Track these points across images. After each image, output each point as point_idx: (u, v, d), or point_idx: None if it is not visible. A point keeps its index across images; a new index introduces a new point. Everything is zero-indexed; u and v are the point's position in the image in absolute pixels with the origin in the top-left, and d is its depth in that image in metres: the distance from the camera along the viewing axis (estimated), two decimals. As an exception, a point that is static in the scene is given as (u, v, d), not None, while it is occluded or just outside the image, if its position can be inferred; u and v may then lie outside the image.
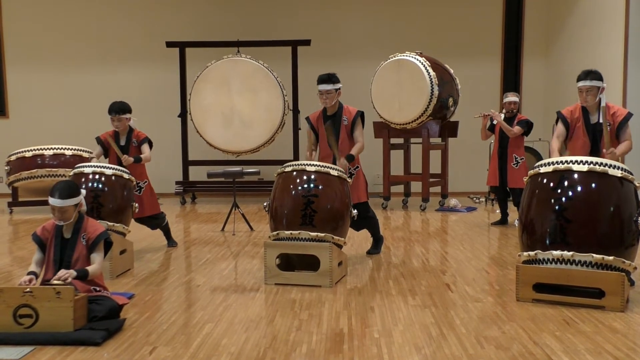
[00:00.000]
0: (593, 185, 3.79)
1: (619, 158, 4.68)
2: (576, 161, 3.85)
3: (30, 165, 8.23)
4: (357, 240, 5.98)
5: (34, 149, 8.31)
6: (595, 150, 4.76)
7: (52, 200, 3.54)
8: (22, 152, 8.33)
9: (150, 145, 5.63)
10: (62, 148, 8.39)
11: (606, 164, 3.81)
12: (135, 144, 5.55)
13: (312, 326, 3.49)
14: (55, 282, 3.40)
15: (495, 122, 7.05)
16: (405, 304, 3.94)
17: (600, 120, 4.77)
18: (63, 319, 3.24)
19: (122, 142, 5.54)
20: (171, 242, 5.94)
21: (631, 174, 3.85)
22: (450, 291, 4.27)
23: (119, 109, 5.44)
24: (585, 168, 3.80)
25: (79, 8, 10.36)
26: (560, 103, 8.81)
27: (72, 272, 3.45)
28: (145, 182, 5.59)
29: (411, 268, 4.99)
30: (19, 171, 8.25)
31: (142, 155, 5.51)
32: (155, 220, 5.73)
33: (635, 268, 3.86)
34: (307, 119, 5.31)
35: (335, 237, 4.47)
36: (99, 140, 5.56)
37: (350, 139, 5.17)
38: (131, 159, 5.39)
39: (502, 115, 7.02)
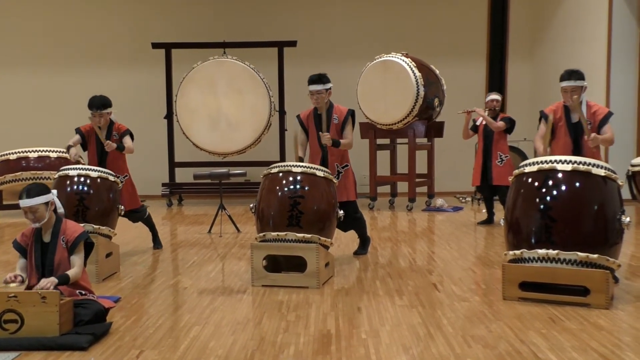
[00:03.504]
0: (577, 184, 3.83)
1: (599, 145, 4.77)
2: (560, 160, 3.89)
3: (15, 167, 8.15)
4: (344, 241, 5.99)
5: (19, 152, 8.23)
6: (577, 149, 4.79)
7: (21, 202, 3.49)
8: (6, 154, 8.24)
9: (132, 137, 5.57)
10: (46, 150, 8.32)
11: (590, 164, 3.85)
12: (116, 136, 5.48)
13: (300, 328, 3.49)
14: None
15: (478, 122, 7.10)
16: (392, 304, 3.95)
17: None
18: (49, 323, 3.22)
19: (103, 136, 5.46)
20: (157, 244, 5.91)
21: (614, 172, 3.89)
22: (437, 291, 4.29)
23: (100, 104, 5.35)
24: (569, 167, 3.84)
25: (63, 9, 10.29)
26: (545, 103, 8.85)
27: (54, 280, 3.41)
28: (126, 176, 5.51)
29: (398, 268, 5.00)
30: (3, 174, 8.16)
31: (125, 145, 5.46)
32: (136, 214, 5.67)
33: (619, 266, 3.90)
34: (298, 117, 5.32)
35: (322, 238, 4.47)
36: (78, 130, 5.47)
37: (340, 137, 5.20)
38: (114, 145, 5.33)
39: (485, 113, 7.06)
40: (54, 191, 3.67)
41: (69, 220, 3.70)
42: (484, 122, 7.04)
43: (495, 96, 7.13)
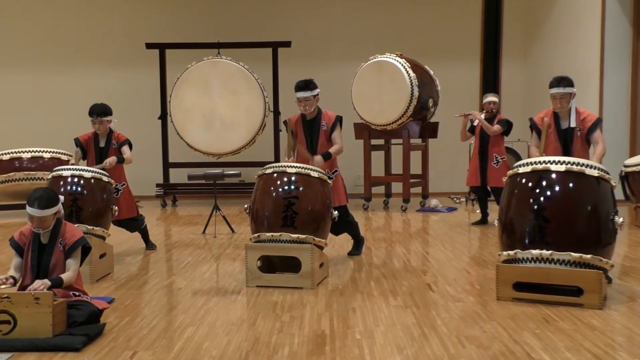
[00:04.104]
0: (571, 184, 3.84)
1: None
2: (554, 161, 3.90)
3: (8, 168, 8.10)
4: (339, 241, 5.99)
5: (12, 152, 8.18)
6: (566, 155, 4.80)
7: (31, 210, 3.48)
8: (-1, 155, 8.20)
9: (130, 146, 5.58)
10: (40, 151, 8.27)
11: (583, 164, 3.87)
12: (115, 145, 5.49)
13: (294, 328, 3.49)
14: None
15: (475, 123, 7.11)
16: (386, 305, 3.95)
17: (572, 125, 4.86)
18: (42, 324, 3.20)
19: (102, 144, 5.48)
20: (150, 245, 5.90)
21: (607, 173, 3.90)
22: (432, 291, 4.29)
23: (101, 111, 5.38)
24: (562, 168, 3.85)
25: (57, 9, 10.25)
26: (538, 104, 8.91)
27: (47, 282, 3.40)
28: (124, 184, 5.53)
29: (392, 268, 5.00)
30: (-4, 175, 8.12)
31: (124, 156, 5.47)
32: (134, 223, 5.68)
33: (612, 266, 3.92)
34: (285, 122, 5.27)
35: (316, 238, 4.47)
36: (77, 141, 5.49)
37: (329, 143, 5.16)
38: (115, 159, 5.34)
39: (482, 115, 7.08)
40: (61, 197, 3.67)
41: (68, 223, 3.69)
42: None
43: (492, 98, 7.13)
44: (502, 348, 3.14)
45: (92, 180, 4.92)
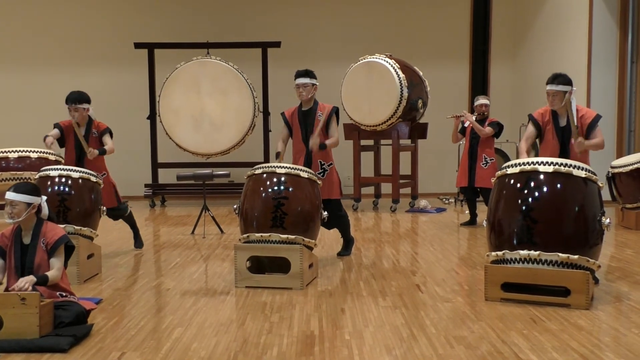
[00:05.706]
0: (558, 185, 3.87)
1: (586, 149, 4.74)
2: (542, 162, 3.93)
3: (-6, 168, 8.03)
4: (328, 242, 5.99)
5: (-2, 152, 8.11)
6: (564, 153, 4.76)
7: (7, 193, 3.52)
8: (-14, 155, 8.11)
9: (111, 135, 5.50)
10: (27, 150, 8.16)
11: (571, 165, 3.89)
12: (95, 134, 5.41)
13: (283, 329, 3.49)
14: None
15: (466, 124, 7.14)
16: (375, 305, 3.96)
17: (575, 123, 4.81)
18: (28, 325, 3.18)
19: (82, 133, 5.38)
20: (138, 244, 5.85)
21: (595, 174, 3.93)
22: (420, 292, 4.30)
23: (76, 98, 5.31)
24: (550, 169, 3.88)
25: (46, 8, 10.18)
26: (526, 105, 8.97)
27: (32, 279, 3.37)
28: (104, 174, 5.42)
29: (381, 269, 5.01)
30: (-18, 175, 8.05)
31: (106, 147, 5.40)
32: (116, 212, 5.60)
33: (599, 266, 3.95)
34: (283, 114, 5.38)
35: (305, 239, 4.47)
36: (57, 125, 5.39)
37: (325, 134, 5.25)
38: (96, 152, 5.29)
39: (474, 117, 7.11)
40: (44, 197, 3.64)
41: (50, 222, 3.66)
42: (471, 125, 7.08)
43: (484, 101, 7.17)
44: (490, 348, 3.16)
45: (80, 181, 4.88)
